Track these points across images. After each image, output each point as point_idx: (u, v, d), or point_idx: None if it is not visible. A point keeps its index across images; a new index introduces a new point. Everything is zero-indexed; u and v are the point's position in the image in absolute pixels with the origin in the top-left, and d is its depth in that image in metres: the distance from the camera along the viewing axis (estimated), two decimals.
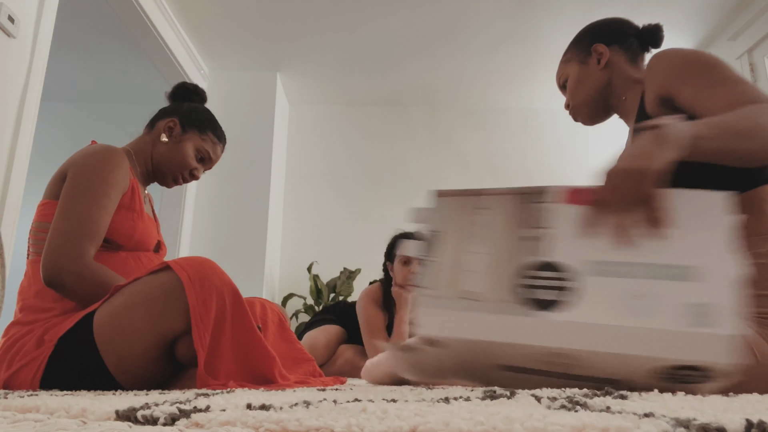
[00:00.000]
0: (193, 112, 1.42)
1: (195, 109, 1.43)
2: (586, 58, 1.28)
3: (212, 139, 1.42)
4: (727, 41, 3.15)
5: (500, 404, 0.59)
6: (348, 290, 3.61)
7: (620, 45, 1.26)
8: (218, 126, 1.45)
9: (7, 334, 1.13)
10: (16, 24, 1.89)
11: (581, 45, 1.30)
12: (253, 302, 1.37)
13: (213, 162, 1.45)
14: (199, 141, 1.40)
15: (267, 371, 1.08)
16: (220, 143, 1.45)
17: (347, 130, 4.20)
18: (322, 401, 0.62)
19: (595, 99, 1.28)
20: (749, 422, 0.38)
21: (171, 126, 1.38)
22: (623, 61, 1.25)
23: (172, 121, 1.38)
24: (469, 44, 3.44)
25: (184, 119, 1.39)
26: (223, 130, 1.47)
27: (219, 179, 3.58)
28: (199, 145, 1.39)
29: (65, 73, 4.03)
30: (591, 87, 1.27)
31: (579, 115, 1.32)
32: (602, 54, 1.25)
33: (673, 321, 0.70)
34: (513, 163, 4.14)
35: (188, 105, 1.44)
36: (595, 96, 1.27)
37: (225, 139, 1.46)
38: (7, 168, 1.87)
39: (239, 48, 3.51)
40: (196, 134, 1.39)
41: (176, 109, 1.41)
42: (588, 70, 1.27)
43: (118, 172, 1.21)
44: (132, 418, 0.50)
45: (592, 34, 1.30)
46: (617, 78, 1.24)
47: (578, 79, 1.29)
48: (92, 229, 1.14)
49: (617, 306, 0.72)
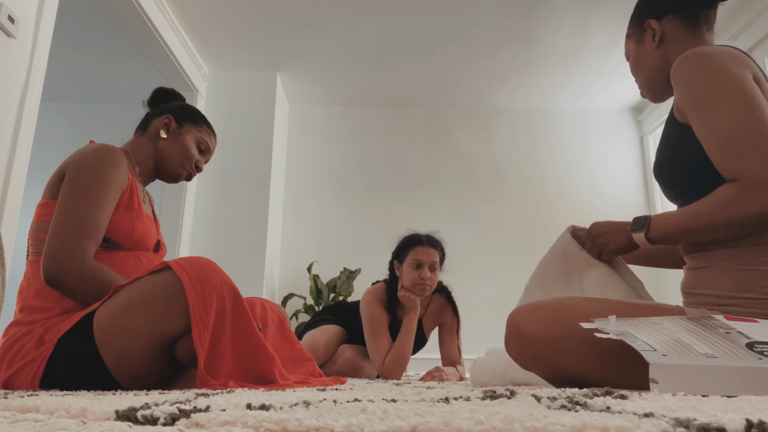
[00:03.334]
0: (183, 108, 1.45)
1: (183, 105, 1.47)
2: (642, 36, 1.21)
3: (207, 130, 1.46)
4: (727, 41, 3.15)
5: (500, 404, 0.59)
6: (348, 290, 3.61)
7: (675, 13, 1.17)
8: (207, 120, 1.50)
9: (7, 334, 1.13)
10: (16, 24, 1.89)
11: (637, 20, 1.23)
12: (253, 302, 1.38)
13: (211, 153, 1.48)
14: (197, 133, 1.43)
15: (267, 371, 1.08)
16: (214, 135, 1.49)
17: (347, 130, 4.20)
18: (322, 401, 0.62)
19: (653, 79, 1.22)
20: (749, 422, 0.38)
21: (167, 123, 1.40)
22: (680, 33, 1.17)
23: (166, 118, 1.40)
24: (470, 44, 3.44)
25: (177, 115, 1.42)
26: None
27: (219, 179, 3.58)
28: (197, 136, 1.43)
29: (65, 73, 4.03)
30: (648, 67, 1.21)
31: (645, 93, 1.27)
32: (656, 30, 1.18)
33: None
34: (513, 163, 4.13)
35: (175, 103, 1.48)
36: (653, 76, 1.21)
37: (215, 133, 1.50)
38: (7, 168, 1.87)
39: (239, 48, 3.51)
40: (192, 127, 1.43)
41: (166, 108, 1.44)
42: (644, 49, 1.21)
43: (116, 170, 1.21)
44: (132, 418, 0.50)
45: (644, 6, 1.23)
46: (674, 53, 1.17)
47: (636, 59, 1.24)
48: (92, 227, 1.14)
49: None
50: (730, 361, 0.76)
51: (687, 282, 1.09)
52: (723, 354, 0.77)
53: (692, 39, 1.16)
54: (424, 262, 2.15)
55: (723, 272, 1.00)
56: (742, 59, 1.03)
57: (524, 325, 1.00)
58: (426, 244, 2.19)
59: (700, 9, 1.17)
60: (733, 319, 0.91)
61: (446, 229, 3.62)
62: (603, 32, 3.29)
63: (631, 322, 0.91)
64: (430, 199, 4.06)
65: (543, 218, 4.02)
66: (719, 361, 0.76)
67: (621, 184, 4.08)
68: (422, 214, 4.01)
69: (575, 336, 0.95)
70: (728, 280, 0.99)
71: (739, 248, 0.99)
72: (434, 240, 2.24)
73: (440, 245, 2.25)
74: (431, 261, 2.16)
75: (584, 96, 4.06)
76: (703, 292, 1.03)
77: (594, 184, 4.08)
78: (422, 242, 2.20)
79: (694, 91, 1.01)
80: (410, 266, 2.16)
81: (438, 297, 2.36)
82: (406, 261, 2.19)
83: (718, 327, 0.87)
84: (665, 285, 3.72)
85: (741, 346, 0.80)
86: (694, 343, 0.81)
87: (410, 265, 2.16)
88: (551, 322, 0.98)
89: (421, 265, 2.15)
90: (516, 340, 1.02)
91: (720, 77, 0.99)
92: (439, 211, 4.04)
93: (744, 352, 0.78)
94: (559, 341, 0.97)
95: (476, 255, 3.94)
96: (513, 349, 1.04)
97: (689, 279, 1.08)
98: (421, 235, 2.24)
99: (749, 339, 0.82)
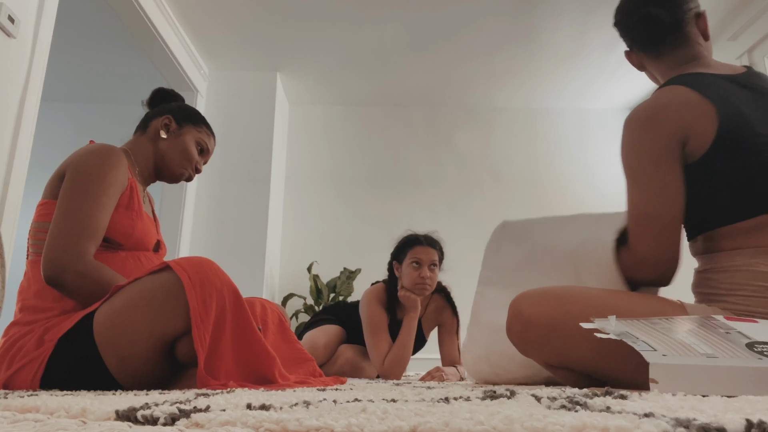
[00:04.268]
0: (183, 108, 1.45)
1: (183, 106, 1.47)
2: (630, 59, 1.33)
3: (206, 131, 1.46)
4: (727, 41, 3.15)
5: (500, 404, 0.59)
6: (348, 290, 3.61)
7: (635, 47, 1.26)
8: (206, 121, 1.50)
9: (7, 334, 1.13)
10: (16, 24, 1.89)
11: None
12: (253, 302, 1.38)
13: (210, 154, 1.49)
14: (197, 134, 1.43)
15: (267, 371, 1.08)
16: (213, 136, 1.49)
17: (347, 130, 4.20)
18: (322, 401, 0.62)
19: None
20: (749, 422, 0.38)
21: (167, 123, 1.40)
22: (648, 61, 1.25)
23: (167, 118, 1.40)
24: (470, 44, 3.44)
25: (177, 115, 1.42)
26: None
27: (219, 179, 3.58)
28: (197, 137, 1.43)
29: (65, 73, 4.03)
30: (652, 80, 1.32)
31: None
32: (633, 60, 1.28)
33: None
34: (513, 163, 4.13)
35: (175, 103, 1.48)
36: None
37: (215, 135, 1.51)
38: (7, 168, 1.87)
39: (239, 48, 3.51)
40: (192, 128, 1.43)
41: (166, 108, 1.44)
42: (637, 68, 1.33)
43: (116, 170, 1.21)
44: (132, 418, 0.50)
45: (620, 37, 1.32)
46: (657, 74, 1.26)
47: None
48: (92, 227, 1.14)
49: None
50: (730, 361, 0.76)
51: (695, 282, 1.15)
52: (723, 354, 0.78)
53: (662, 63, 1.22)
54: (424, 261, 2.15)
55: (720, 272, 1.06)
56: (666, 118, 1.06)
57: (526, 309, 1.02)
58: (425, 244, 2.19)
59: (645, 42, 1.21)
60: (733, 319, 0.91)
61: (446, 229, 3.62)
62: (603, 32, 3.28)
63: (631, 322, 0.91)
64: (430, 199, 4.06)
65: None
66: (719, 361, 0.76)
67: (620, 184, 4.08)
68: (422, 214, 4.01)
69: (576, 321, 0.96)
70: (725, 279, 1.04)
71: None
72: (432, 239, 2.24)
73: (439, 245, 2.25)
74: (430, 260, 2.16)
75: (584, 96, 4.06)
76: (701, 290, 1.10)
77: (594, 184, 4.08)
78: (421, 242, 2.20)
79: (621, 161, 1.13)
80: (409, 266, 2.16)
81: (437, 297, 2.37)
82: (406, 261, 2.19)
83: (718, 327, 0.87)
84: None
85: (741, 346, 0.80)
86: (694, 343, 0.81)
87: (409, 265, 2.16)
88: (553, 307, 1.00)
89: (420, 264, 2.15)
90: (517, 324, 1.04)
91: (631, 155, 1.09)
92: (439, 211, 4.03)
93: (744, 352, 0.78)
94: (559, 325, 0.99)
95: (476, 255, 3.93)
96: (514, 333, 1.06)
97: (697, 280, 1.14)
98: (419, 235, 2.25)
99: (749, 339, 0.82)
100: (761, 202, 1.00)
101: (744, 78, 1.11)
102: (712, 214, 1.06)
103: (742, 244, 1.01)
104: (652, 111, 1.07)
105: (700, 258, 1.12)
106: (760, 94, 1.08)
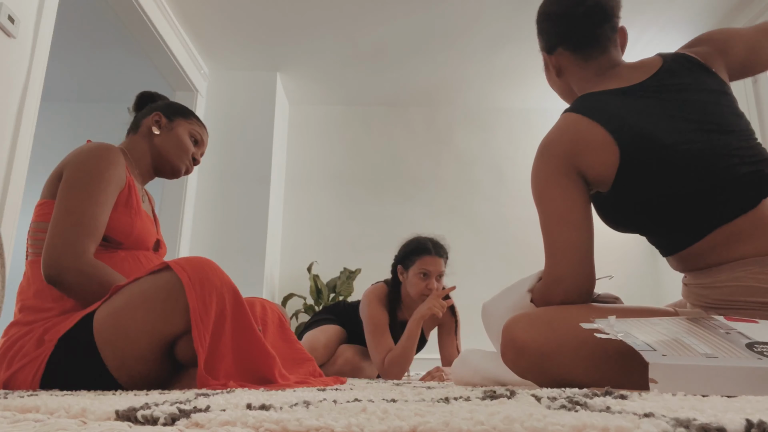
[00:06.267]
0: (170, 104, 1.46)
1: (170, 102, 1.48)
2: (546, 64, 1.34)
3: (197, 123, 1.48)
4: None
5: (500, 404, 0.59)
6: (348, 290, 3.61)
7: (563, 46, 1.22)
8: (196, 114, 1.52)
9: (6, 334, 1.13)
10: (16, 24, 1.89)
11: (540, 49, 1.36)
12: (253, 302, 1.38)
13: (204, 145, 1.49)
14: (188, 125, 1.44)
15: (267, 371, 1.08)
16: (204, 127, 1.51)
17: (347, 130, 4.20)
18: (322, 401, 0.62)
19: (568, 100, 1.35)
20: (749, 422, 0.38)
21: (157, 119, 1.41)
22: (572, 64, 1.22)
23: (156, 114, 1.41)
24: (469, 44, 3.44)
25: (166, 111, 1.43)
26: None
27: (219, 179, 3.58)
28: (189, 129, 1.44)
29: (65, 73, 4.03)
30: (558, 91, 1.34)
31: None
32: (551, 63, 1.27)
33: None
34: (513, 163, 4.13)
35: (161, 101, 1.49)
36: (566, 99, 1.35)
37: (206, 126, 1.52)
38: (7, 168, 1.87)
39: (239, 48, 3.51)
40: (183, 120, 1.44)
41: (154, 107, 1.45)
42: (550, 75, 1.34)
43: (114, 168, 1.22)
44: (132, 418, 0.50)
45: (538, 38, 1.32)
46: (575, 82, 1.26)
47: (548, 80, 1.37)
48: (91, 225, 1.14)
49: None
50: (730, 361, 0.76)
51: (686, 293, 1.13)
52: (723, 354, 0.78)
53: (585, 69, 1.19)
54: (432, 273, 2.13)
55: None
56: (553, 154, 1.10)
57: (519, 336, 1.01)
58: (433, 254, 2.16)
59: (579, 39, 1.18)
60: (733, 319, 0.91)
61: (446, 229, 3.62)
62: None
63: (631, 322, 0.91)
64: (430, 199, 4.06)
65: None
66: (719, 361, 0.76)
67: None
68: (422, 215, 4.01)
69: (569, 345, 0.96)
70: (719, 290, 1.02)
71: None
72: (441, 247, 2.21)
73: (446, 252, 2.23)
74: (439, 271, 2.15)
75: None
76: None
77: None
78: (429, 251, 2.16)
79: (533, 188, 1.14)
80: (417, 275, 2.15)
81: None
82: (413, 269, 2.16)
83: (718, 327, 0.87)
84: (666, 287, 3.72)
85: (741, 346, 0.80)
86: (694, 343, 0.81)
87: (417, 275, 2.15)
88: (545, 333, 0.99)
89: (428, 275, 2.14)
90: (511, 351, 1.03)
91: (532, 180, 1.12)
92: (439, 211, 4.03)
93: (744, 352, 0.78)
94: (553, 351, 0.98)
95: (476, 255, 3.93)
96: (509, 360, 1.05)
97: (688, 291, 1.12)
98: (428, 243, 2.20)
99: (749, 339, 0.82)
100: (709, 214, 0.98)
101: (653, 81, 1.08)
102: (669, 240, 1.05)
103: (717, 260, 1.00)
104: (546, 141, 1.11)
105: (683, 272, 1.11)
106: (669, 95, 1.06)
